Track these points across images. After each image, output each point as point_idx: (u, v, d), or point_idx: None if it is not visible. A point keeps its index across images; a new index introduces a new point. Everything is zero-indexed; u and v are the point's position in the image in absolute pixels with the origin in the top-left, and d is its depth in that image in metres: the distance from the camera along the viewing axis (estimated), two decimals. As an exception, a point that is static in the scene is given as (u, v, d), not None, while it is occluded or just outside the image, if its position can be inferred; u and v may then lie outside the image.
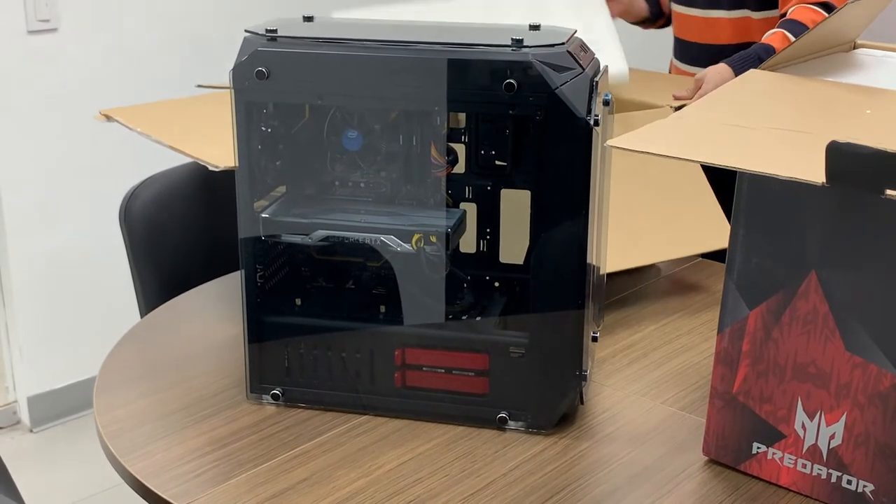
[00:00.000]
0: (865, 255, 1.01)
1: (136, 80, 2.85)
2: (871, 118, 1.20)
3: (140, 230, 1.79)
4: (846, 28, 1.39)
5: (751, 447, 1.14)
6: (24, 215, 2.76)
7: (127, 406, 1.30)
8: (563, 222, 1.17)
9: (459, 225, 1.28)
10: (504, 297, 1.34)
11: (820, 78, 1.30)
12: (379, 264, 1.28)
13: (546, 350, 1.21)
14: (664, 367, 1.40)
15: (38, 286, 2.83)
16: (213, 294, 1.65)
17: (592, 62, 1.20)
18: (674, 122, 1.18)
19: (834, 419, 1.07)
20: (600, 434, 1.24)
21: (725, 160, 1.03)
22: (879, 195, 0.97)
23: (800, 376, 1.08)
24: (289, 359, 1.27)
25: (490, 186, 1.32)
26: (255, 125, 1.23)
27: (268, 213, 1.26)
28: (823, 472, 1.09)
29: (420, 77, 1.16)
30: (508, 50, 1.14)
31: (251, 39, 1.20)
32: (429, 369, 1.25)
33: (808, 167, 0.98)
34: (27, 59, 2.67)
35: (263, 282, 1.27)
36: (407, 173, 1.29)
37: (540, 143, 1.15)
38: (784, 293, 1.07)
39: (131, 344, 1.48)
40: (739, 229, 1.10)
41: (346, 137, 1.27)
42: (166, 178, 1.88)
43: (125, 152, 2.75)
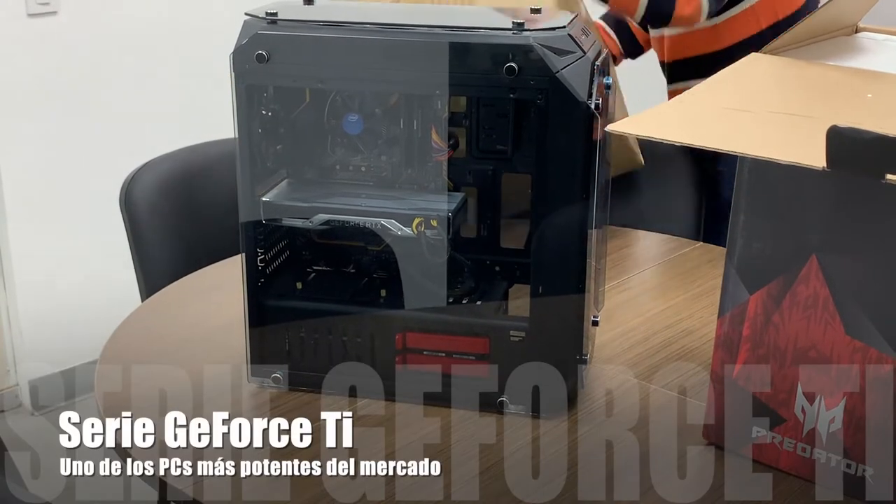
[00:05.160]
0: (866, 239, 1.01)
1: (135, 64, 2.84)
2: (873, 102, 1.20)
3: (140, 214, 1.79)
4: (848, 12, 1.38)
5: (751, 431, 1.14)
6: (24, 198, 2.75)
7: (128, 389, 1.30)
8: (564, 206, 1.17)
9: (460, 209, 1.28)
10: (505, 282, 1.34)
11: (821, 62, 1.29)
12: (380, 248, 1.28)
13: (546, 334, 1.21)
14: (664, 352, 1.40)
15: (38, 269, 2.83)
16: (214, 278, 1.65)
17: (593, 46, 1.19)
18: (675, 107, 1.18)
19: (833, 403, 1.07)
20: (600, 418, 1.24)
21: (726, 145, 1.02)
22: (880, 180, 0.97)
23: (800, 361, 1.08)
24: (290, 342, 1.28)
25: (491, 171, 1.32)
26: (256, 109, 1.23)
27: (268, 196, 1.26)
28: (823, 456, 1.09)
29: (421, 60, 1.16)
30: (509, 33, 1.14)
31: (251, 23, 1.20)
32: (429, 353, 1.25)
33: (808, 152, 0.98)
34: (27, 42, 2.66)
35: (264, 266, 1.27)
36: (408, 157, 1.29)
37: (541, 126, 1.15)
38: (784, 278, 1.07)
39: (132, 328, 1.48)
40: (740, 214, 1.09)
41: (346, 121, 1.27)
42: (166, 162, 1.88)
43: (126, 136, 2.75)
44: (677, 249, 1.76)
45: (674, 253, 1.75)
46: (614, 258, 1.63)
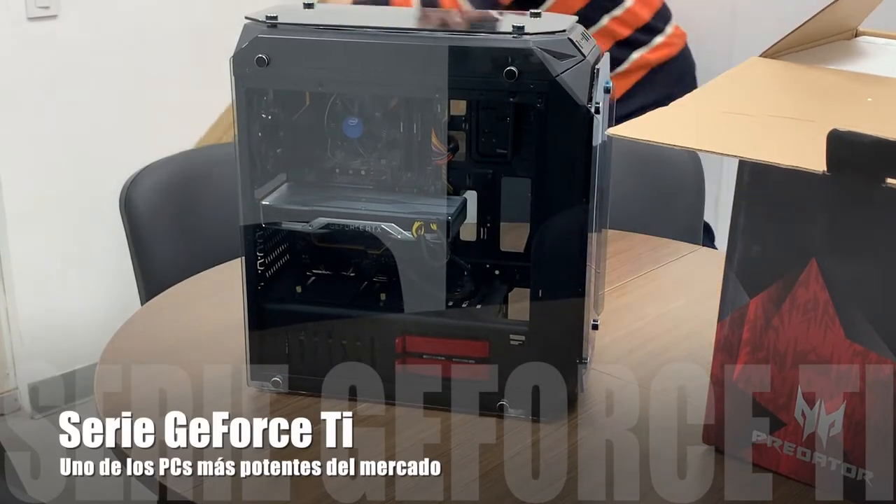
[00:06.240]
0: (866, 243, 1.01)
1: (136, 67, 2.84)
2: (873, 106, 1.20)
3: (140, 217, 1.79)
4: (848, 15, 1.39)
5: (750, 435, 1.14)
6: (24, 201, 2.75)
7: (128, 390, 1.30)
8: (564, 210, 1.17)
9: (460, 213, 1.28)
10: (504, 285, 1.34)
11: (821, 66, 1.30)
12: (379, 252, 1.28)
13: (546, 338, 1.21)
14: (664, 355, 1.40)
15: (38, 272, 2.83)
16: (214, 281, 1.65)
17: (593, 49, 1.20)
18: (674, 111, 1.18)
19: (834, 407, 1.07)
20: (600, 421, 1.24)
21: (727, 148, 1.02)
22: (880, 183, 0.97)
23: (800, 364, 1.08)
24: (289, 346, 1.28)
25: (491, 174, 1.32)
26: (256, 112, 1.23)
27: (268, 200, 1.26)
28: (823, 460, 1.09)
29: (421, 64, 1.16)
30: (509, 37, 1.14)
31: (251, 26, 1.20)
32: (429, 357, 1.25)
33: (809, 155, 0.98)
34: (27, 46, 2.67)
35: (264, 269, 1.27)
36: (407, 161, 1.29)
37: (541, 130, 1.15)
38: (784, 281, 1.07)
39: (132, 331, 1.48)
40: (740, 217, 1.10)
41: (346, 125, 1.27)
42: (166, 165, 1.88)
43: (125, 139, 2.75)
44: (677, 253, 1.76)
45: (674, 256, 1.75)
46: (614, 262, 1.63)
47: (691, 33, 2.66)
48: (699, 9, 2.71)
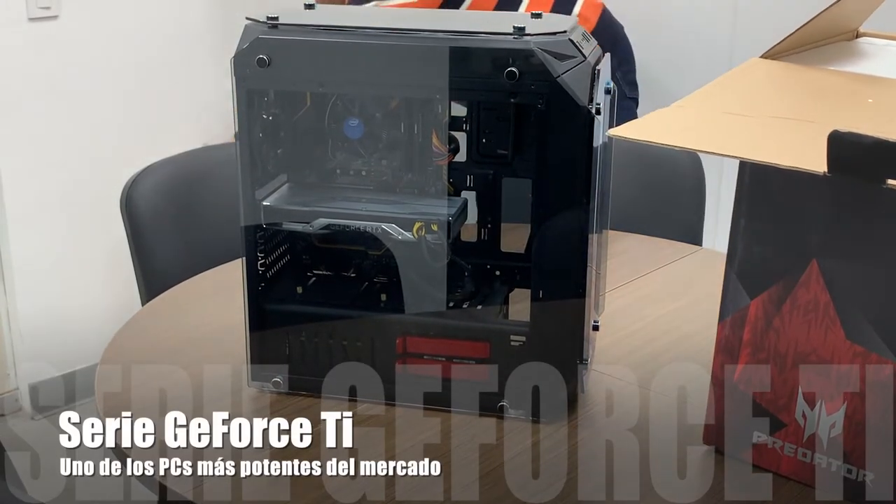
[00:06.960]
0: (867, 244, 1.01)
1: (136, 68, 2.84)
2: (874, 107, 1.20)
3: (141, 217, 1.79)
4: (849, 16, 1.39)
5: (751, 436, 1.14)
6: (25, 202, 2.75)
7: (128, 393, 1.30)
8: (565, 211, 1.17)
9: (461, 213, 1.28)
10: (505, 286, 1.34)
11: (822, 67, 1.30)
12: (380, 252, 1.28)
13: (547, 338, 1.21)
14: (665, 356, 1.40)
15: (39, 273, 2.83)
16: (215, 282, 1.65)
17: (594, 50, 1.20)
18: (675, 112, 1.18)
19: (834, 408, 1.07)
20: (601, 422, 1.24)
21: (727, 149, 1.02)
22: (881, 185, 0.97)
23: (800, 365, 1.08)
24: (290, 347, 1.28)
25: (491, 175, 1.32)
26: (257, 113, 1.23)
27: (269, 200, 1.26)
28: (824, 461, 1.09)
29: (422, 65, 1.16)
30: (510, 38, 1.14)
31: (252, 27, 1.20)
32: (430, 357, 1.25)
33: (809, 156, 0.98)
34: (28, 47, 2.67)
35: (265, 270, 1.27)
36: (408, 161, 1.29)
37: (541, 131, 1.15)
38: (785, 282, 1.07)
39: (133, 332, 1.48)
40: (741, 218, 1.10)
41: (347, 125, 1.27)
42: (167, 165, 1.88)
43: (126, 140, 2.75)
44: (678, 254, 1.76)
45: (674, 257, 1.75)
46: (615, 262, 1.63)
47: (691, 33, 2.66)
48: (699, 9, 2.71)
